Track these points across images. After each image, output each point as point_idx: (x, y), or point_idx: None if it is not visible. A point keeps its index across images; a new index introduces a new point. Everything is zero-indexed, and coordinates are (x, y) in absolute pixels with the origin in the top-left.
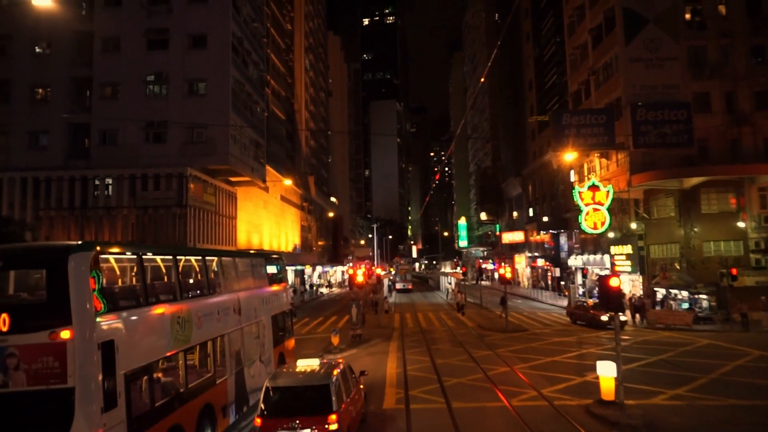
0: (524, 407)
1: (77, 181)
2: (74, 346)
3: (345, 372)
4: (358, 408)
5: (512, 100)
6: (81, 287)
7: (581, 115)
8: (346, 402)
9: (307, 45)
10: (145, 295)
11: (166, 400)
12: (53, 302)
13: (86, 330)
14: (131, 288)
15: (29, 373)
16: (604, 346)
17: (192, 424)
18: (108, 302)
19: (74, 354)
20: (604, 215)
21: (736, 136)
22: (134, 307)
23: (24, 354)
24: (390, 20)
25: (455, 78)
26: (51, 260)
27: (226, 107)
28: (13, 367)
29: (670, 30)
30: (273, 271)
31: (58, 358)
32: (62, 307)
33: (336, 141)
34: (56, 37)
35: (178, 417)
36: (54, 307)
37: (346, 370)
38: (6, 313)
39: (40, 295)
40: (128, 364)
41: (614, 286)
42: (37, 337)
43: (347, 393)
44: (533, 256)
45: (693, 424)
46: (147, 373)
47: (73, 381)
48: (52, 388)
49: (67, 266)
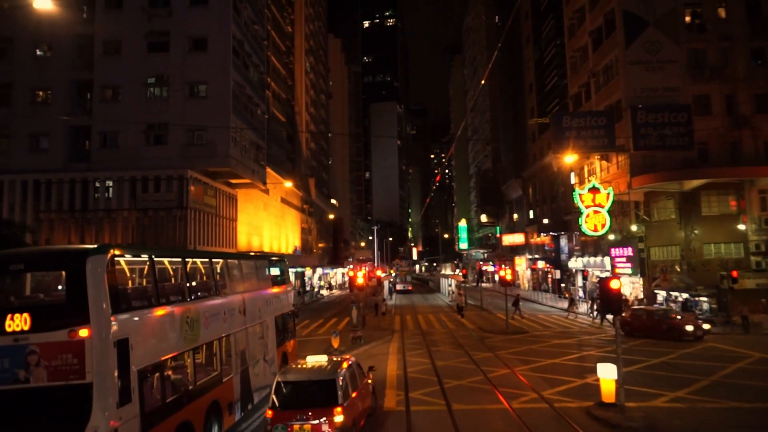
0: (525, 409)
1: (78, 184)
2: (92, 343)
3: (352, 368)
4: (366, 402)
5: (512, 103)
6: (98, 288)
7: (581, 117)
8: (352, 396)
9: (308, 47)
10: (156, 296)
11: (176, 397)
12: (72, 302)
13: (103, 328)
14: (143, 289)
15: (50, 369)
16: (604, 348)
17: (200, 420)
18: (122, 302)
19: (92, 351)
20: (604, 217)
21: (736, 138)
22: (146, 307)
23: (44, 351)
24: (390, 23)
25: (455, 80)
26: (70, 263)
27: (227, 109)
28: (35, 364)
29: (670, 32)
30: (276, 273)
31: (77, 355)
32: (80, 306)
33: (336, 143)
34: (57, 40)
35: (187, 413)
36: (73, 307)
37: (353, 366)
38: (27, 313)
39: (55, 295)
40: (141, 362)
41: (615, 288)
42: (57, 335)
43: (354, 387)
44: (533, 258)
45: (694, 426)
46: (159, 370)
47: (91, 377)
48: (71, 383)
49: (85, 268)
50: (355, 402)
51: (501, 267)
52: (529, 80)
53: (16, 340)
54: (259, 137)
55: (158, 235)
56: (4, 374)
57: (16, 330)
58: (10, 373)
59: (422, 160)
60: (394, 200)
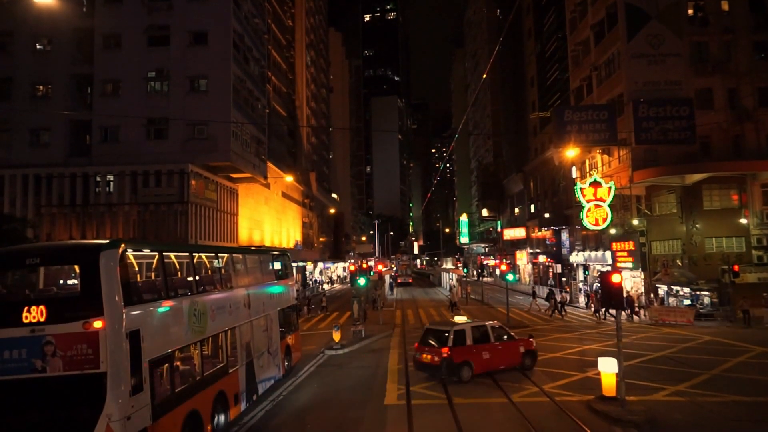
0: (525, 403)
1: (78, 178)
2: (105, 334)
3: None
4: None
5: (514, 97)
6: (111, 281)
7: (583, 111)
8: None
9: (308, 41)
10: (165, 289)
11: (185, 387)
12: (86, 295)
13: (116, 320)
14: (153, 282)
15: (65, 359)
16: (606, 343)
17: (207, 409)
18: (134, 295)
19: (106, 342)
20: (605, 212)
21: (738, 132)
22: (156, 300)
23: (60, 342)
24: (391, 16)
25: (457, 74)
26: (84, 257)
27: (228, 104)
28: (51, 354)
29: (672, 26)
30: (279, 267)
31: (92, 346)
32: (94, 299)
33: (337, 137)
34: (57, 34)
35: (195, 402)
36: (87, 300)
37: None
38: (43, 305)
39: (69, 288)
40: (152, 353)
41: (616, 282)
42: (72, 326)
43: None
44: (534, 253)
45: (695, 420)
46: (168, 361)
47: (105, 366)
48: (86, 372)
49: (98, 262)
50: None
51: (502, 261)
52: (531, 74)
53: (33, 331)
54: (259, 131)
55: (159, 230)
56: (21, 364)
57: (33, 321)
58: (27, 363)
59: (423, 154)
60: (395, 194)
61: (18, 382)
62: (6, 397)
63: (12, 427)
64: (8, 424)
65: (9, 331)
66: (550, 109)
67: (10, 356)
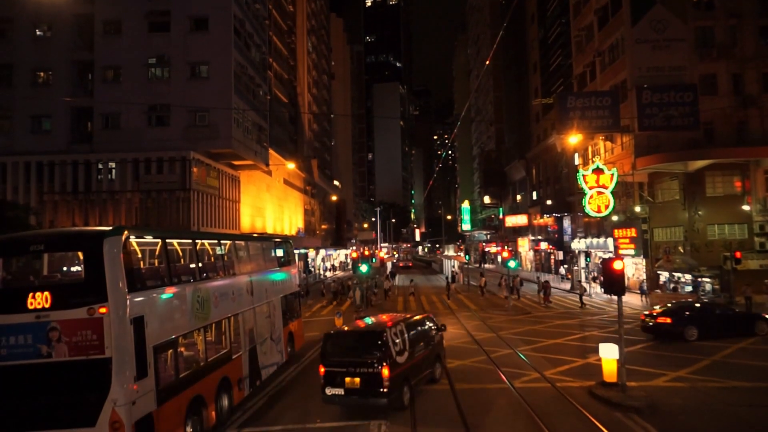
0: (527, 389)
1: (80, 165)
2: (110, 320)
3: None
4: None
5: (516, 83)
6: (114, 267)
7: (586, 97)
8: None
9: (310, 27)
10: (169, 276)
11: (189, 372)
12: (90, 281)
13: (120, 306)
14: (157, 269)
15: (70, 345)
16: (607, 329)
17: (211, 394)
18: (137, 282)
19: (110, 328)
20: (608, 198)
21: (742, 118)
22: (160, 287)
23: (65, 328)
24: (393, 2)
25: (459, 60)
26: (87, 243)
27: (229, 90)
28: (56, 340)
29: (677, 10)
30: (281, 254)
31: (96, 332)
32: (98, 285)
33: (339, 124)
34: (57, 20)
35: (200, 388)
36: (91, 286)
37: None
38: (48, 292)
39: (73, 275)
40: (156, 338)
41: (618, 269)
42: (77, 312)
43: None
44: (536, 240)
45: (695, 405)
46: (172, 347)
47: (110, 352)
48: (91, 358)
49: (102, 249)
50: None
51: (503, 248)
52: (534, 60)
53: (38, 317)
54: (261, 118)
55: (161, 217)
56: (27, 350)
57: (38, 308)
58: (33, 349)
59: (425, 141)
60: (397, 181)
61: (24, 367)
62: (12, 382)
63: (18, 412)
64: (15, 409)
65: (14, 317)
66: (552, 96)
67: (15, 342)
